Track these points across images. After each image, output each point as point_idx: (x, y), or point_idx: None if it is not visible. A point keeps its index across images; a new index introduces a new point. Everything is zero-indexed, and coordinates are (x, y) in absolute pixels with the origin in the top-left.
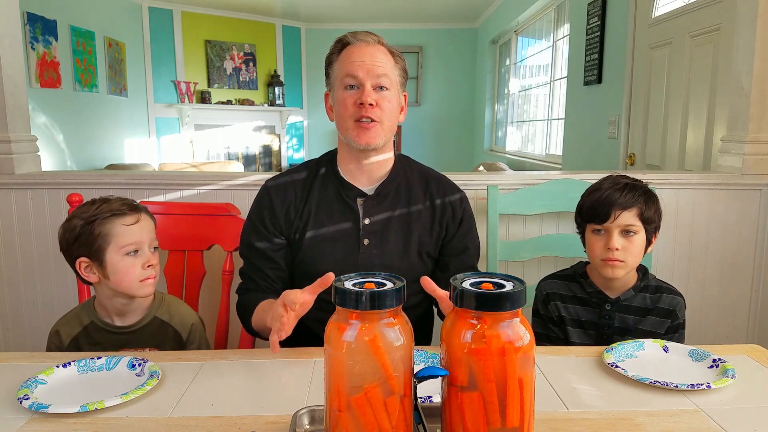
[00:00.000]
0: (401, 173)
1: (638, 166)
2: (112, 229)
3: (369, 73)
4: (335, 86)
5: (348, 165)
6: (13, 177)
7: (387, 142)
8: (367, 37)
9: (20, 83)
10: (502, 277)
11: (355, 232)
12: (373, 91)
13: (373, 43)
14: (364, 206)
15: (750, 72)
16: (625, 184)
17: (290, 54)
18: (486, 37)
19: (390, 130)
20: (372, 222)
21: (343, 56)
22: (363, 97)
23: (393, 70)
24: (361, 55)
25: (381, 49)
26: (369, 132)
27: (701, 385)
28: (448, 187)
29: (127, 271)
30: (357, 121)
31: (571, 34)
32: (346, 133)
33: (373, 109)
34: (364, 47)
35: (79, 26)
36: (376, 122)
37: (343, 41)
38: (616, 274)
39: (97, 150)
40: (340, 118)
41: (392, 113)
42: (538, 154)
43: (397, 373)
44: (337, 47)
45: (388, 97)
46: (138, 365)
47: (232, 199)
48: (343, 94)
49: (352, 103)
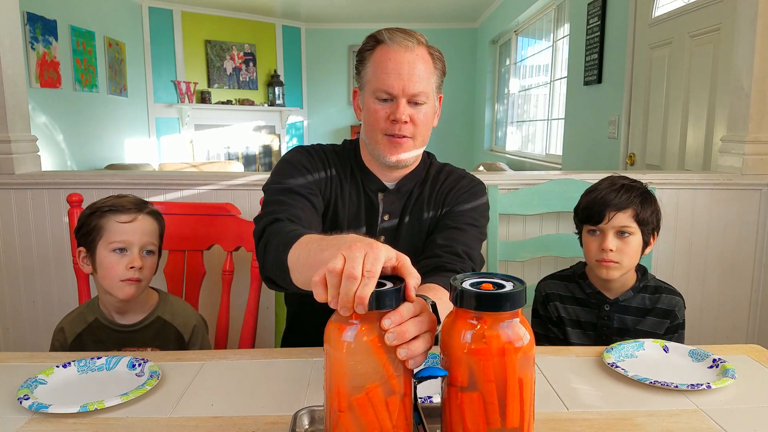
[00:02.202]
0: (422, 172)
1: (638, 166)
2: (106, 224)
3: (405, 90)
4: (366, 91)
5: (370, 164)
6: (13, 177)
7: (418, 156)
8: (406, 40)
9: (20, 83)
10: (502, 277)
11: (373, 229)
12: (408, 106)
13: (413, 47)
14: (385, 201)
15: (750, 72)
16: (621, 185)
17: (290, 54)
18: (486, 37)
19: (422, 143)
20: (390, 219)
21: (377, 58)
22: (397, 114)
23: (431, 77)
24: (398, 64)
25: (420, 55)
26: (400, 148)
27: (701, 385)
28: (458, 174)
29: (110, 267)
30: (388, 136)
31: (571, 34)
32: (375, 146)
33: (407, 125)
34: (402, 54)
35: (79, 26)
36: (409, 138)
37: (377, 38)
38: (611, 275)
39: (97, 150)
40: (370, 128)
41: (427, 126)
42: (538, 154)
43: (398, 373)
44: (370, 44)
45: (423, 110)
46: (138, 365)
47: (232, 199)
48: (374, 106)
49: (384, 117)
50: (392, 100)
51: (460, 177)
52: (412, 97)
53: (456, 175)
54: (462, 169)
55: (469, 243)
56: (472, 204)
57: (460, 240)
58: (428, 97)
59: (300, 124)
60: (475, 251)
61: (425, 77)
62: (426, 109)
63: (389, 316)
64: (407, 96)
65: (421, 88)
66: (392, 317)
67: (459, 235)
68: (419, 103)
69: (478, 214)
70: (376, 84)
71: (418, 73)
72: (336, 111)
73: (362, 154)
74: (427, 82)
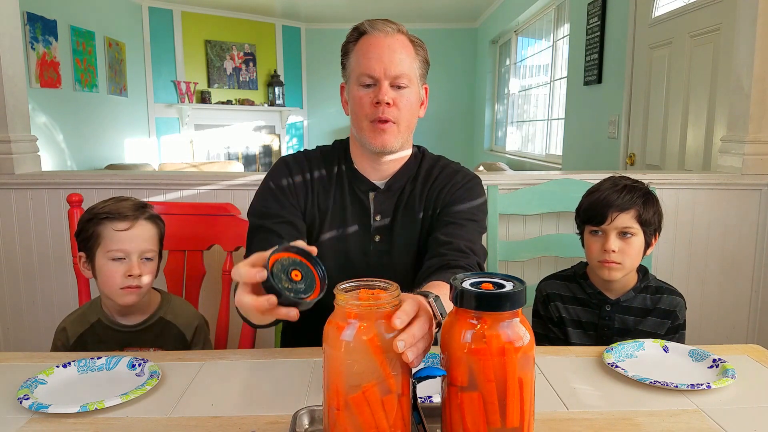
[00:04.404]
0: (413, 167)
1: (638, 166)
2: (103, 232)
3: (386, 72)
4: (350, 81)
5: (361, 160)
6: (13, 177)
7: (404, 143)
8: (386, 26)
9: (20, 83)
10: (502, 277)
11: (367, 229)
12: (390, 89)
13: (392, 33)
14: (375, 201)
15: (750, 72)
16: (623, 186)
17: (290, 54)
18: (486, 37)
19: (407, 130)
20: (383, 218)
21: (359, 48)
22: (379, 96)
23: (413, 63)
24: (379, 49)
25: (400, 40)
26: (385, 134)
27: (701, 385)
28: (452, 169)
29: (109, 275)
30: (372, 122)
31: (571, 34)
32: (361, 133)
33: (390, 108)
34: (381, 39)
35: (79, 26)
36: (393, 123)
37: (359, 29)
38: (613, 276)
39: (97, 150)
40: (356, 117)
41: (411, 112)
42: (538, 154)
43: (396, 372)
44: (353, 35)
45: (406, 95)
46: (138, 365)
47: (232, 199)
48: (358, 93)
49: (368, 102)
50: (375, 85)
51: (453, 172)
52: (394, 80)
53: (450, 170)
54: (456, 163)
55: (469, 237)
56: (469, 204)
57: (460, 235)
58: (411, 81)
59: (300, 124)
60: (477, 245)
61: (407, 61)
62: (409, 94)
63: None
64: (389, 78)
65: (403, 70)
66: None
67: (459, 230)
68: (402, 86)
69: (476, 209)
70: (359, 70)
71: (399, 56)
72: (336, 111)
73: (352, 153)
74: (409, 66)
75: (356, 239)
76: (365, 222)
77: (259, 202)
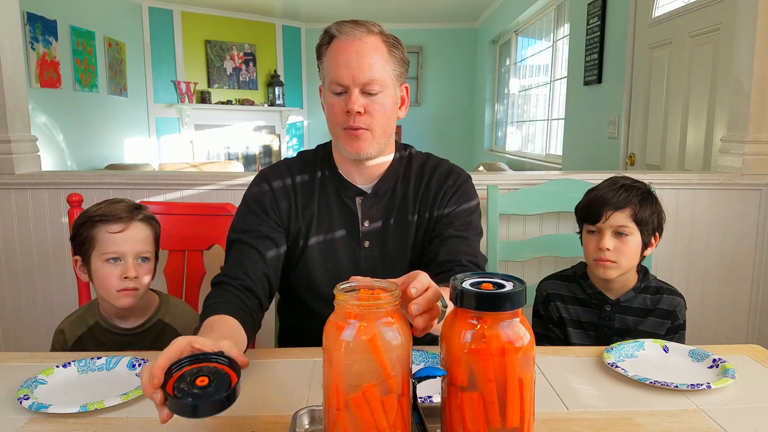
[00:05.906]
0: (400, 169)
1: (638, 166)
2: (97, 234)
3: (355, 79)
4: (324, 86)
5: (344, 164)
6: (13, 177)
7: (383, 148)
8: (354, 29)
9: (20, 83)
10: (502, 277)
11: (356, 235)
12: (361, 96)
13: (362, 36)
14: (363, 206)
15: (750, 72)
16: (621, 185)
17: (290, 54)
18: (486, 37)
19: (383, 135)
20: (372, 223)
21: (330, 52)
22: (349, 105)
23: (385, 65)
24: (347, 55)
25: (371, 42)
26: (358, 141)
27: (701, 385)
28: (444, 169)
29: (105, 278)
30: (346, 130)
31: (571, 34)
32: (337, 140)
33: (362, 117)
34: (350, 43)
35: (79, 26)
36: (366, 130)
37: (329, 32)
38: (608, 275)
39: (97, 150)
40: (330, 123)
41: (385, 117)
42: (538, 154)
43: (395, 372)
44: (325, 38)
45: (379, 100)
46: (138, 365)
47: (232, 199)
48: (331, 100)
49: (340, 110)
50: (346, 92)
51: (445, 174)
52: (364, 87)
53: (442, 171)
54: (446, 161)
55: (471, 251)
56: (465, 206)
57: (462, 250)
58: (384, 86)
59: (300, 124)
60: (478, 256)
61: (378, 65)
62: (382, 99)
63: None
64: (359, 86)
65: (373, 77)
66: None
67: (460, 244)
68: (373, 93)
69: (471, 213)
70: (329, 77)
71: (369, 62)
72: None
73: (335, 157)
74: (381, 70)
75: (345, 245)
76: (353, 228)
77: (238, 218)
